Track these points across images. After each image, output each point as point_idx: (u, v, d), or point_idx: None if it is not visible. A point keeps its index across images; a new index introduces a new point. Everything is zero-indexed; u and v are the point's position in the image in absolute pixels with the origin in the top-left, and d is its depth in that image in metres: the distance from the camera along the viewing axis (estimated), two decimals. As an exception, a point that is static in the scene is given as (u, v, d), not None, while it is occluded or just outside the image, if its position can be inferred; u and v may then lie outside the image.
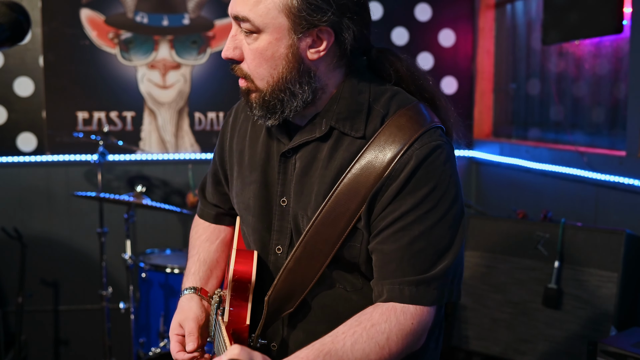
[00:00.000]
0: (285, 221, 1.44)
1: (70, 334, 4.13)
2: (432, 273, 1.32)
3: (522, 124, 4.10)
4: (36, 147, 4.01)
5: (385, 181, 1.32)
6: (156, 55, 4.08)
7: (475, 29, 4.37)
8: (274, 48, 1.33)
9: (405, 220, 1.32)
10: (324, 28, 1.32)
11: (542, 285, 2.93)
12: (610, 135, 3.30)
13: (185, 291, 1.62)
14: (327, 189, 1.37)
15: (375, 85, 1.41)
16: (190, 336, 1.52)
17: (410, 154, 1.32)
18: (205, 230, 1.73)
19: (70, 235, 4.06)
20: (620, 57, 3.19)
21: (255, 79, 1.37)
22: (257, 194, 1.48)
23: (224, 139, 1.64)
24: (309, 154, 1.41)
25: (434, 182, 1.32)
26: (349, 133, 1.38)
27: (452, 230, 1.34)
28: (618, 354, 2.28)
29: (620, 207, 3.02)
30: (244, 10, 1.32)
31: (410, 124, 1.34)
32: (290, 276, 1.40)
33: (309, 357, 1.26)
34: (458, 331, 3.22)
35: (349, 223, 1.35)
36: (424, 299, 1.32)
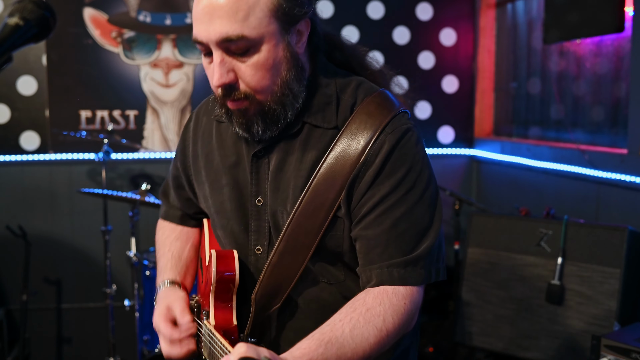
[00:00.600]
0: (263, 220, 1.44)
1: (74, 332, 4.14)
2: (417, 253, 1.34)
3: (522, 123, 4.13)
4: (39, 146, 4.02)
5: (362, 167, 1.34)
6: (159, 54, 4.10)
7: (476, 28, 4.39)
8: (274, 55, 1.31)
9: (385, 203, 1.34)
10: (304, 20, 1.35)
11: (545, 281, 2.95)
12: (612, 134, 3.32)
13: (164, 284, 1.58)
14: (304, 182, 1.38)
15: (340, 76, 1.43)
16: (184, 312, 1.49)
17: (383, 139, 1.34)
18: (174, 230, 1.71)
19: (74, 233, 4.08)
20: (621, 56, 3.22)
21: (257, 94, 1.33)
22: (230, 197, 1.46)
23: (185, 145, 1.61)
24: (282, 150, 1.41)
25: (409, 164, 1.34)
26: (320, 125, 1.39)
27: (431, 209, 1.37)
28: (622, 349, 2.30)
29: (622, 204, 3.04)
30: (234, 30, 1.26)
31: (379, 110, 1.36)
32: (275, 271, 1.39)
33: (310, 347, 1.25)
34: (461, 327, 3.24)
35: (329, 213, 1.36)
36: (413, 279, 1.34)
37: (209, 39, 1.28)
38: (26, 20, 1.03)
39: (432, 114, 4.40)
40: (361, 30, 4.27)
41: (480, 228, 3.27)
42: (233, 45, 1.28)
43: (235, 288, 1.43)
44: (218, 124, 1.52)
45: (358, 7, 4.27)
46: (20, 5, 1.04)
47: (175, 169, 1.67)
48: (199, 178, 1.56)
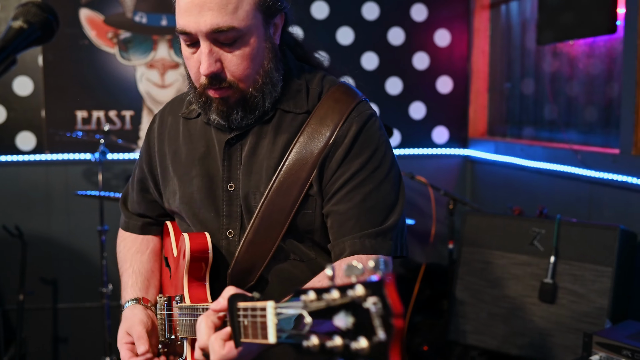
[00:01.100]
0: (234, 205, 1.49)
1: (70, 332, 4.15)
2: (386, 225, 1.44)
3: (516, 123, 4.16)
4: (35, 146, 4.03)
5: (332, 147, 1.44)
6: (155, 55, 4.12)
7: (470, 29, 4.43)
8: (258, 45, 1.40)
9: (355, 180, 1.43)
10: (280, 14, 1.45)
11: (538, 280, 2.98)
12: (604, 134, 3.36)
13: (127, 303, 1.62)
14: (277, 163, 1.45)
15: (306, 68, 1.55)
16: (140, 339, 1.52)
17: (350, 122, 1.45)
18: (134, 242, 1.73)
19: (70, 233, 4.09)
20: (614, 57, 3.25)
21: (241, 82, 1.41)
22: (200, 187, 1.52)
23: (150, 146, 1.65)
24: (255, 136, 1.49)
25: (375, 144, 1.46)
26: (292, 110, 1.48)
27: (396, 187, 1.48)
28: (613, 346, 2.33)
29: (614, 203, 3.08)
30: (225, 21, 1.33)
31: (345, 97, 1.48)
32: (250, 248, 1.46)
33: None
34: (455, 326, 3.27)
35: (301, 191, 1.44)
36: (383, 249, 1.43)
37: (199, 30, 1.35)
38: (30, 24, 1.05)
39: (427, 114, 4.43)
40: (356, 31, 4.29)
41: (474, 227, 3.30)
42: (222, 35, 1.35)
43: (208, 267, 1.48)
44: (185, 120, 1.59)
45: (353, 8, 4.30)
46: (24, 8, 1.07)
47: (140, 172, 1.70)
48: (166, 175, 1.61)
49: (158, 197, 1.67)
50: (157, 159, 1.63)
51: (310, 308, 0.94)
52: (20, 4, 1.08)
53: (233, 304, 1.15)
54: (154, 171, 1.65)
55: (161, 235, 1.76)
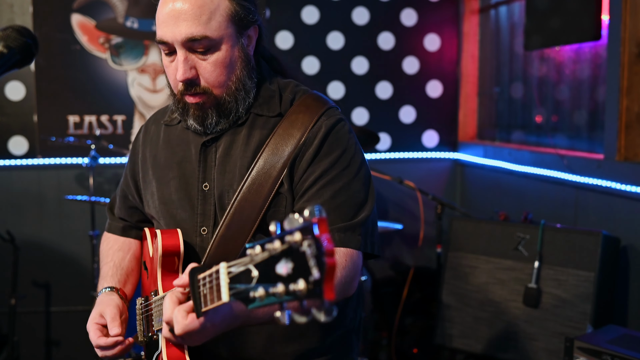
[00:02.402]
0: (208, 203, 1.57)
1: (62, 335, 4.18)
2: (355, 221, 1.50)
3: (505, 127, 4.20)
4: (27, 151, 4.06)
5: (302, 148, 1.52)
6: (146, 60, 4.14)
7: (460, 33, 4.46)
8: (231, 54, 1.50)
9: (325, 178, 1.51)
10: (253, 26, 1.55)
11: (523, 284, 3.02)
12: (590, 139, 3.39)
13: (103, 290, 1.67)
14: (249, 162, 1.54)
15: (280, 78, 1.65)
16: (114, 322, 1.55)
17: (320, 124, 1.53)
18: (116, 241, 1.80)
19: (62, 237, 4.12)
20: (599, 63, 3.29)
21: (215, 88, 1.51)
22: (177, 187, 1.61)
23: (135, 153, 1.76)
24: (229, 138, 1.57)
25: (344, 145, 1.54)
26: (265, 114, 1.57)
27: (365, 187, 1.54)
28: (594, 351, 2.37)
29: (599, 208, 3.12)
30: (199, 31, 1.44)
31: (316, 103, 1.58)
32: (223, 242, 1.52)
33: None
34: (442, 330, 3.31)
35: (272, 189, 1.51)
36: (352, 243, 1.48)
37: (175, 39, 1.46)
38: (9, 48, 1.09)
39: (417, 118, 4.47)
40: (346, 36, 4.33)
41: (460, 232, 3.34)
42: (197, 44, 1.46)
43: (180, 262, 1.54)
44: (166, 127, 1.69)
45: (343, 13, 4.33)
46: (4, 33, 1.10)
47: (124, 180, 1.80)
48: (146, 178, 1.69)
49: (139, 202, 1.76)
50: (139, 165, 1.73)
51: (255, 261, 0.99)
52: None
53: (194, 277, 1.22)
54: (135, 177, 1.74)
55: (141, 240, 1.82)
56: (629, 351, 2.30)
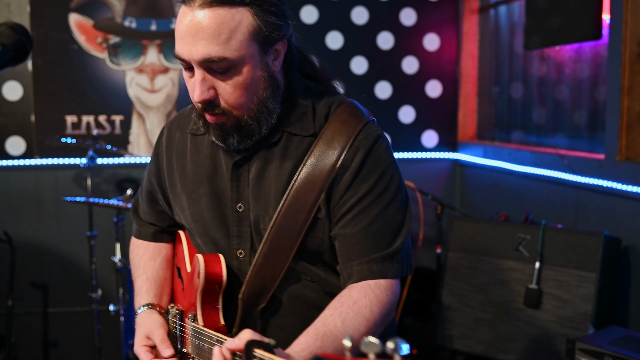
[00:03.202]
0: (244, 226, 1.51)
1: (59, 336, 4.16)
2: (392, 249, 1.45)
3: (505, 127, 4.18)
4: (25, 151, 4.04)
5: (339, 171, 1.44)
6: (144, 60, 4.12)
7: (459, 33, 4.44)
8: (253, 75, 1.39)
9: (362, 204, 1.44)
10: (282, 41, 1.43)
11: (523, 285, 3.01)
12: (590, 139, 3.38)
13: (141, 308, 1.63)
14: (284, 186, 1.46)
15: (313, 88, 1.54)
16: (164, 343, 1.52)
17: (357, 145, 1.45)
18: (147, 249, 1.74)
19: (60, 238, 4.09)
20: (599, 63, 3.27)
21: (234, 110, 1.41)
22: (209, 205, 1.53)
23: (159, 159, 1.66)
24: (262, 158, 1.49)
25: (382, 168, 1.47)
26: (299, 133, 1.48)
27: (402, 210, 1.50)
28: (595, 352, 2.36)
29: (599, 209, 3.10)
30: (217, 52, 1.34)
31: (352, 118, 1.48)
32: (260, 271, 1.47)
33: (308, 342, 1.32)
34: (442, 331, 3.29)
35: (310, 214, 1.45)
36: (390, 273, 1.45)
37: (192, 58, 1.36)
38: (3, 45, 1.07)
39: (416, 118, 4.45)
40: (345, 36, 4.31)
41: (460, 233, 3.32)
42: (215, 65, 1.35)
43: (221, 290, 1.50)
44: (193, 137, 1.59)
45: (342, 13, 4.31)
46: (-3, 30, 1.08)
47: (149, 183, 1.71)
48: (174, 190, 1.61)
49: (167, 209, 1.68)
50: (165, 173, 1.64)
51: None
52: (-7, 26, 1.09)
53: (250, 350, 1.19)
54: (162, 184, 1.66)
55: (173, 242, 1.76)
56: (631, 352, 2.28)
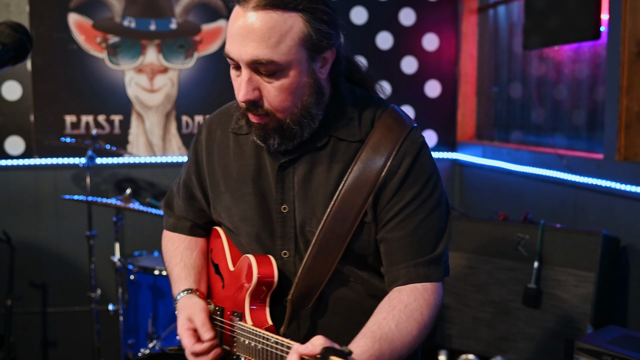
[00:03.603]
0: (288, 227, 1.55)
1: (59, 336, 4.16)
2: (436, 253, 1.51)
3: (504, 127, 4.19)
4: (24, 151, 4.04)
5: (386, 177, 1.48)
6: (144, 60, 4.12)
7: (458, 33, 4.45)
8: (299, 80, 1.42)
9: (409, 209, 1.49)
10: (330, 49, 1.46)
11: (522, 285, 3.01)
12: (589, 139, 3.38)
13: (181, 294, 1.66)
14: (333, 190, 1.50)
15: (359, 94, 1.57)
16: (204, 326, 1.56)
17: (404, 151, 1.49)
18: (183, 241, 1.77)
19: (59, 238, 4.09)
20: (598, 63, 3.28)
21: (278, 112, 1.45)
22: (254, 205, 1.56)
23: (198, 157, 1.68)
24: (308, 161, 1.53)
25: (428, 174, 1.51)
26: (345, 138, 1.52)
27: (445, 216, 1.54)
28: (594, 351, 2.36)
29: (598, 208, 3.10)
30: (265, 54, 1.37)
31: (397, 125, 1.52)
32: (309, 273, 1.51)
33: (367, 345, 1.36)
34: (441, 330, 3.30)
35: (357, 218, 1.49)
36: (435, 276, 1.50)
37: (240, 58, 1.40)
38: (3, 45, 1.07)
39: (415, 118, 4.44)
40: (345, 36, 4.29)
41: (459, 233, 3.32)
42: (262, 67, 1.39)
43: (270, 291, 1.54)
44: (235, 136, 1.62)
45: (342, 13, 4.30)
46: (-3, 29, 1.08)
47: (188, 180, 1.73)
48: (216, 189, 1.64)
49: (206, 207, 1.71)
50: (205, 171, 1.66)
51: None
52: (-7, 25, 1.09)
53: (326, 356, 1.21)
54: (203, 183, 1.68)
55: (208, 237, 1.80)
56: (630, 352, 2.29)
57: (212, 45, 4.16)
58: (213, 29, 4.17)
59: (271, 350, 1.41)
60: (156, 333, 3.41)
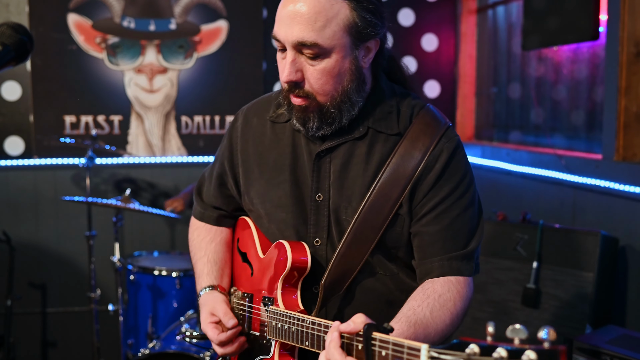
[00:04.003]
0: (322, 215, 1.58)
1: (58, 336, 4.17)
2: (469, 248, 1.54)
3: (503, 127, 4.19)
4: (24, 151, 4.04)
5: (423, 171, 1.52)
6: (143, 60, 4.13)
7: (457, 33, 4.45)
8: (341, 65, 1.47)
9: (444, 204, 1.53)
10: (374, 39, 1.50)
11: (521, 285, 3.01)
12: (588, 139, 3.39)
13: (204, 290, 1.72)
14: (370, 181, 1.54)
15: (398, 90, 1.62)
16: (227, 315, 1.63)
17: (441, 147, 1.53)
18: (209, 232, 1.82)
19: (58, 238, 4.10)
20: (597, 63, 3.29)
21: (318, 95, 1.49)
22: (289, 193, 1.60)
23: (232, 144, 1.72)
24: (346, 152, 1.56)
25: (463, 171, 1.56)
26: (384, 131, 1.56)
27: (477, 214, 1.59)
28: (593, 351, 2.37)
29: (597, 208, 3.11)
30: (310, 37, 1.43)
31: (434, 122, 1.56)
32: (343, 261, 1.54)
33: (402, 328, 1.39)
34: (440, 330, 3.30)
35: (392, 210, 1.52)
36: (467, 270, 1.53)
37: (286, 40, 1.46)
38: (4, 45, 1.07)
39: (414, 119, 4.46)
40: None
41: (459, 232, 3.32)
42: (306, 49, 1.45)
43: (302, 277, 1.57)
44: (272, 124, 1.66)
45: (341, 13, 4.31)
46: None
47: (220, 167, 1.77)
48: (249, 176, 1.68)
49: (236, 193, 1.74)
50: (239, 158, 1.70)
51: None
52: (-6, 26, 1.10)
53: (369, 332, 1.23)
54: (235, 169, 1.72)
55: (233, 227, 1.84)
56: (628, 351, 2.29)
57: (211, 45, 4.17)
58: (212, 29, 4.18)
59: (307, 331, 1.45)
60: (156, 333, 3.42)
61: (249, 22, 4.21)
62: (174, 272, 3.40)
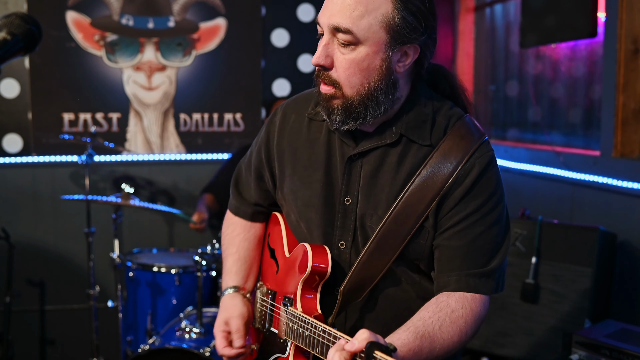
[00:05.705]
0: (349, 219, 1.57)
1: (57, 333, 4.16)
2: (490, 267, 1.51)
3: (501, 125, 4.21)
4: (22, 149, 4.04)
5: (452, 185, 1.49)
6: (142, 57, 4.13)
7: (455, 32, 4.47)
8: (370, 60, 1.45)
9: (469, 220, 1.50)
10: (413, 45, 1.48)
11: (520, 280, 3.03)
12: (586, 136, 3.41)
13: (227, 290, 1.76)
14: (398, 191, 1.52)
15: (436, 100, 1.58)
16: (237, 333, 1.66)
17: (472, 162, 1.50)
18: (243, 228, 1.84)
19: (57, 235, 4.10)
20: (595, 60, 3.30)
21: (344, 86, 1.48)
22: (320, 193, 1.60)
23: (270, 138, 1.72)
24: (377, 158, 1.55)
25: (492, 188, 1.52)
26: (416, 141, 1.53)
27: (503, 232, 1.54)
28: (592, 345, 2.38)
29: (595, 204, 3.13)
30: (346, 23, 1.42)
31: (470, 135, 1.52)
32: (363, 268, 1.53)
33: (409, 339, 1.39)
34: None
35: (417, 221, 1.50)
36: (485, 289, 1.50)
37: (324, 23, 1.47)
38: (13, 35, 1.08)
39: (412, 116, 4.47)
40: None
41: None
42: (340, 35, 1.44)
43: (323, 280, 1.57)
44: (309, 122, 1.65)
45: (339, 11, 4.32)
46: (7, 20, 1.09)
47: (258, 160, 1.77)
48: (283, 171, 1.68)
49: (272, 187, 1.75)
50: (275, 152, 1.70)
51: None
52: (3, 16, 1.10)
53: (370, 351, 1.22)
54: (271, 163, 1.72)
55: (266, 222, 1.85)
56: (627, 345, 2.31)
57: (210, 43, 4.17)
58: (211, 27, 4.18)
59: (317, 338, 1.45)
60: (155, 330, 3.42)
61: (248, 20, 4.22)
62: (173, 268, 3.40)
